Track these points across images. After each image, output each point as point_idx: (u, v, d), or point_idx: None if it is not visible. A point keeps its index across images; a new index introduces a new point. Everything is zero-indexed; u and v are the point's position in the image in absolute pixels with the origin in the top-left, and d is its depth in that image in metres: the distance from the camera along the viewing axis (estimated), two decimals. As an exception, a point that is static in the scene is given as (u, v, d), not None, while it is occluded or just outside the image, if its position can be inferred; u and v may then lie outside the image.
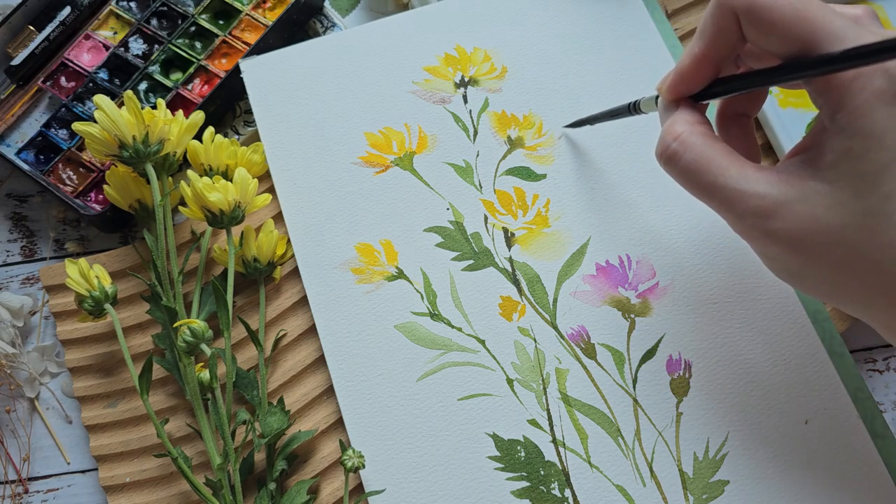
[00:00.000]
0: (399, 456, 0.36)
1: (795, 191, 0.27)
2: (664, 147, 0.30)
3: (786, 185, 0.27)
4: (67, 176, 0.44)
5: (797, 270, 0.28)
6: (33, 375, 0.42)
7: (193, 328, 0.34)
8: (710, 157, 0.28)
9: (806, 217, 0.26)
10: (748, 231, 0.28)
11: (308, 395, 0.39)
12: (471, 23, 0.44)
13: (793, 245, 0.27)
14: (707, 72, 0.30)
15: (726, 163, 0.28)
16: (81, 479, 0.40)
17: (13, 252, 0.45)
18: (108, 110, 0.36)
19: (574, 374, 0.37)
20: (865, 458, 0.36)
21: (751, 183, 0.27)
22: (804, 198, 0.26)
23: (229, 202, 0.37)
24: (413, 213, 0.41)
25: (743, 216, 0.28)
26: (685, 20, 0.45)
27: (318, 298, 0.39)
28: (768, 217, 0.27)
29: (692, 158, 0.29)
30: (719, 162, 0.28)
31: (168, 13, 0.46)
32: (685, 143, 0.29)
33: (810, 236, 0.26)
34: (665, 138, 0.30)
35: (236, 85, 0.44)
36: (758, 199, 0.27)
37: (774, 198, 0.27)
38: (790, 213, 0.27)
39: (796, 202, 0.27)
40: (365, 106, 0.43)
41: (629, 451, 0.36)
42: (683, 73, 0.30)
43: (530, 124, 0.42)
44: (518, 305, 0.39)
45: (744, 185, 0.27)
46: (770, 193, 0.27)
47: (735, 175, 0.28)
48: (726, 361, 0.37)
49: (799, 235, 0.27)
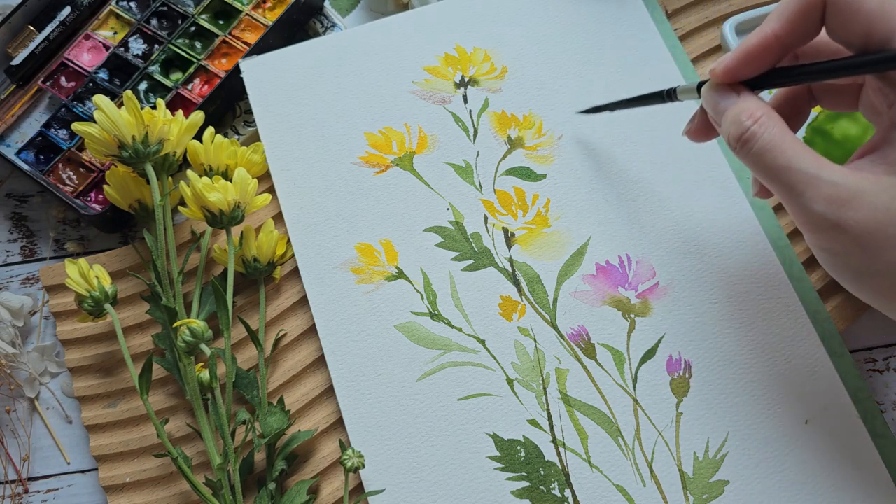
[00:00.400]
0: (399, 456, 0.36)
1: (869, 183, 0.27)
2: (741, 129, 0.29)
3: (860, 178, 0.27)
4: (67, 176, 0.44)
5: (861, 268, 0.28)
6: (33, 375, 0.42)
7: (193, 328, 0.34)
8: (788, 140, 0.28)
9: (880, 208, 0.26)
10: (816, 221, 0.27)
11: (308, 395, 0.39)
12: (471, 23, 0.44)
13: (862, 237, 0.26)
14: (771, 56, 0.29)
15: (801, 149, 0.28)
16: (81, 479, 0.40)
17: (13, 252, 0.45)
18: (108, 110, 0.36)
19: (574, 374, 0.37)
20: (865, 458, 0.36)
21: (825, 170, 0.27)
22: (878, 190, 0.26)
23: (229, 202, 0.37)
24: (413, 213, 0.41)
25: (815, 202, 0.27)
26: (685, 20, 0.45)
27: (318, 298, 0.39)
28: (842, 205, 0.26)
29: (770, 139, 0.28)
30: (796, 146, 0.28)
31: (168, 13, 0.46)
32: (764, 124, 0.28)
33: (882, 228, 0.26)
34: (740, 119, 0.29)
35: (236, 85, 0.44)
36: (832, 187, 0.27)
37: (849, 187, 0.27)
38: (864, 204, 0.26)
39: (870, 193, 0.26)
40: (365, 106, 0.43)
41: (629, 451, 0.36)
42: (748, 52, 0.29)
43: (530, 124, 0.42)
44: (518, 305, 0.39)
45: (818, 171, 0.27)
46: (845, 182, 0.27)
47: (810, 161, 0.27)
48: (726, 361, 0.37)
49: (870, 227, 0.26)
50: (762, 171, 0.29)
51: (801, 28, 0.29)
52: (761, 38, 0.29)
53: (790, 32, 0.29)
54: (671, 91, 0.35)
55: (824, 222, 0.27)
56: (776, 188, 0.29)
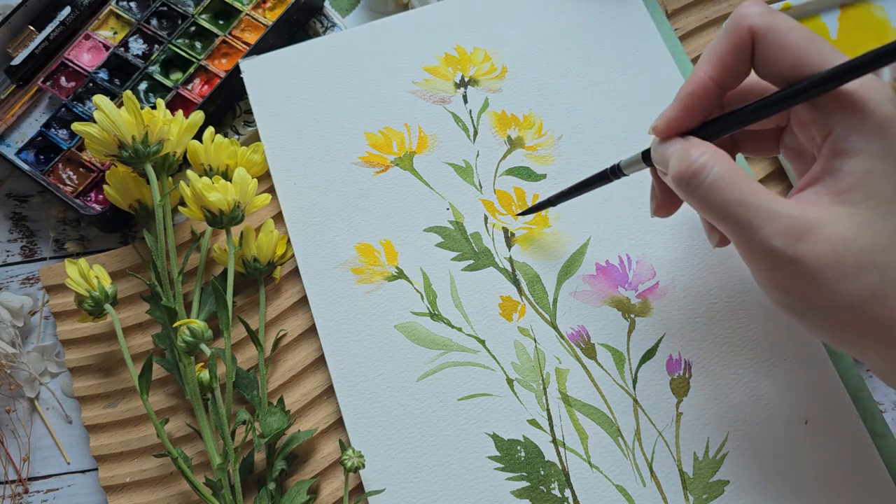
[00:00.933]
0: (399, 456, 0.36)
1: (822, 215, 0.26)
2: (686, 165, 0.28)
3: (812, 210, 0.26)
4: (67, 176, 0.44)
5: (818, 305, 0.27)
6: (33, 375, 0.42)
7: (193, 328, 0.34)
8: (738, 174, 0.27)
9: (835, 240, 0.26)
10: (772, 257, 0.26)
11: (308, 395, 0.39)
12: (471, 23, 0.44)
13: (819, 271, 0.26)
14: (709, 100, 0.29)
15: (753, 183, 0.27)
16: (81, 479, 0.40)
17: (13, 252, 0.45)
18: (108, 110, 0.36)
19: (574, 374, 0.37)
20: (865, 458, 0.36)
21: (780, 205, 0.26)
22: (831, 221, 0.26)
23: (229, 202, 0.37)
24: (413, 213, 0.41)
25: (772, 237, 0.26)
26: (685, 20, 0.45)
27: (318, 298, 0.39)
28: (799, 239, 0.26)
29: (720, 174, 0.27)
30: (747, 180, 0.27)
31: (168, 13, 0.46)
32: (712, 159, 0.27)
33: (840, 260, 0.25)
34: (687, 156, 0.28)
35: (236, 85, 0.44)
36: (789, 220, 0.26)
37: (806, 219, 0.26)
38: (820, 236, 0.26)
39: (825, 225, 0.26)
40: (365, 106, 0.43)
41: (629, 451, 0.36)
42: (685, 101, 0.29)
43: (530, 124, 0.42)
44: (518, 305, 0.39)
45: (774, 206, 0.26)
46: (801, 215, 0.26)
47: (764, 195, 0.27)
48: (726, 361, 0.37)
49: (828, 260, 0.26)
50: (714, 209, 0.27)
51: (734, 67, 0.28)
52: (696, 83, 0.29)
53: (723, 73, 0.29)
54: (615, 168, 0.34)
55: (782, 258, 0.26)
56: (729, 226, 0.27)
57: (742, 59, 0.28)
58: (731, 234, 0.28)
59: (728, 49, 0.28)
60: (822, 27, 0.44)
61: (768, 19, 0.27)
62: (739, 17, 0.28)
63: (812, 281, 0.26)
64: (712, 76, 0.29)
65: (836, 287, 0.26)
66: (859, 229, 0.26)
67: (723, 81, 0.29)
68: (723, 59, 0.28)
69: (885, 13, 0.44)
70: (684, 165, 0.28)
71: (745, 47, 0.28)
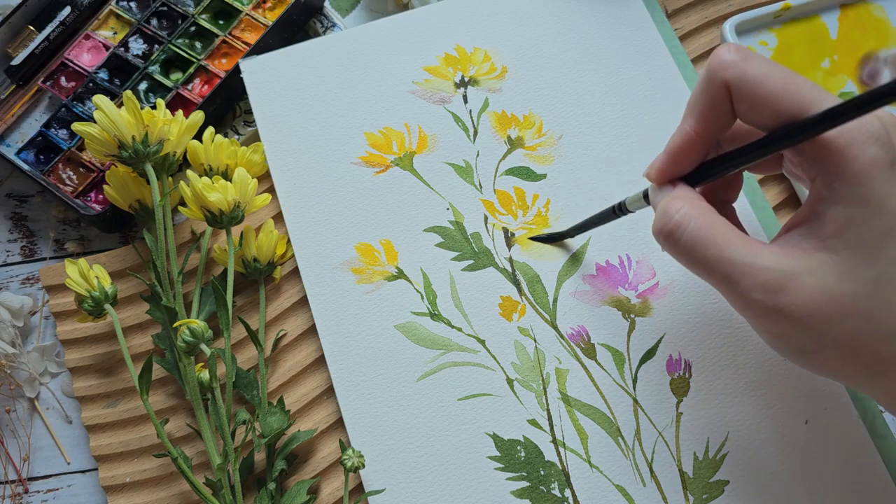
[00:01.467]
0: (399, 456, 0.36)
1: (803, 263, 0.26)
2: (665, 221, 0.28)
3: (792, 258, 0.26)
4: (67, 176, 0.44)
5: (805, 347, 0.27)
6: (33, 375, 0.42)
7: (193, 328, 0.34)
8: (715, 230, 0.27)
9: (816, 289, 0.26)
10: (755, 307, 0.27)
11: (308, 395, 0.39)
12: (471, 23, 0.44)
13: (803, 319, 0.26)
14: (698, 152, 0.29)
15: (731, 236, 0.27)
16: (81, 479, 0.40)
17: (13, 252, 0.45)
18: (108, 110, 0.36)
19: (574, 374, 0.37)
20: (865, 458, 0.36)
21: (758, 257, 0.26)
22: (812, 269, 0.26)
23: (229, 202, 0.37)
24: (413, 213, 0.41)
25: (751, 291, 0.26)
26: (685, 20, 0.45)
27: (318, 298, 0.39)
28: (778, 291, 0.26)
29: (695, 232, 0.27)
30: (724, 235, 0.27)
31: (168, 13, 0.46)
32: (687, 216, 0.28)
33: (821, 308, 0.26)
34: (666, 212, 0.28)
35: (236, 85, 0.44)
36: (766, 273, 0.26)
37: (783, 271, 0.26)
38: (800, 286, 0.26)
39: (805, 274, 0.26)
40: (365, 106, 0.43)
41: (629, 451, 0.36)
42: (674, 153, 0.29)
43: (530, 124, 0.42)
44: (518, 305, 0.39)
45: (751, 259, 0.26)
46: (778, 266, 0.26)
47: (741, 249, 0.27)
48: (726, 361, 0.37)
49: (809, 309, 0.26)
50: (693, 264, 0.28)
51: (716, 120, 0.28)
52: (682, 136, 0.29)
53: (707, 126, 0.29)
54: (621, 205, 0.34)
55: (763, 309, 0.26)
56: (710, 280, 0.28)
57: (722, 111, 0.28)
58: (715, 287, 0.28)
59: (707, 104, 0.28)
60: (822, 27, 0.44)
61: (742, 69, 0.27)
62: (713, 69, 0.28)
63: (796, 328, 0.26)
64: (696, 130, 0.29)
65: (820, 333, 0.26)
66: (841, 277, 0.26)
67: (707, 133, 0.29)
68: (703, 114, 0.29)
69: (885, 13, 0.44)
70: (662, 222, 0.28)
71: (723, 101, 0.28)
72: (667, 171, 0.30)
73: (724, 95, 0.28)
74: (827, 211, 0.26)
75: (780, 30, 0.44)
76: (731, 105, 0.28)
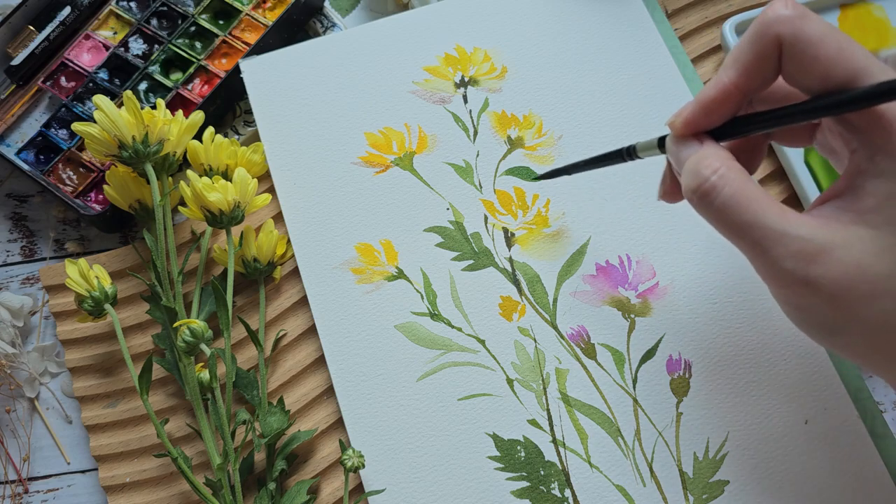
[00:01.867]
0: (399, 456, 0.36)
1: (839, 236, 0.25)
2: (700, 181, 0.27)
3: (828, 230, 0.25)
4: (67, 176, 0.44)
5: (833, 325, 0.26)
6: (33, 375, 0.42)
7: (193, 328, 0.34)
8: (751, 193, 0.26)
9: (850, 264, 0.25)
10: (785, 277, 0.26)
11: (308, 395, 0.39)
12: (471, 23, 0.44)
13: (834, 295, 0.25)
14: (730, 106, 0.28)
15: (767, 202, 0.26)
16: (81, 479, 0.40)
17: (13, 252, 0.45)
18: (108, 110, 0.36)
19: (574, 374, 0.37)
20: (865, 458, 0.36)
21: (793, 225, 0.25)
22: (848, 243, 0.25)
23: (229, 202, 0.37)
24: (413, 213, 0.41)
25: (783, 259, 0.25)
26: (685, 20, 0.45)
27: (318, 298, 0.39)
28: (811, 262, 0.25)
29: (732, 193, 0.26)
30: (760, 200, 0.26)
31: (168, 13, 0.46)
32: (725, 177, 0.26)
33: (854, 285, 0.25)
34: (700, 171, 0.27)
35: (236, 85, 0.44)
36: (801, 242, 0.25)
37: (818, 242, 0.25)
38: (834, 260, 0.25)
39: (840, 248, 0.25)
40: (365, 106, 0.43)
41: (629, 451, 0.36)
42: (707, 104, 0.28)
43: (530, 124, 0.42)
44: (518, 305, 0.39)
45: (786, 227, 0.25)
46: (813, 237, 0.25)
47: (777, 215, 0.26)
48: (726, 361, 0.37)
49: (842, 284, 0.25)
50: (725, 227, 0.27)
51: (759, 75, 0.27)
52: (719, 88, 0.28)
53: (748, 80, 0.27)
54: (631, 149, 0.33)
55: (793, 279, 0.26)
56: (741, 245, 0.27)
57: (768, 67, 0.27)
58: (744, 252, 0.27)
59: (753, 57, 0.27)
60: (822, 27, 0.44)
61: (798, 27, 0.26)
62: (767, 22, 0.26)
63: (825, 302, 0.25)
64: (737, 83, 0.27)
65: (849, 311, 0.25)
66: (878, 255, 0.25)
67: (747, 88, 0.28)
68: (748, 67, 0.27)
69: (885, 13, 0.44)
70: (696, 183, 0.27)
71: (771, 56, 0.27)
72: (694, 123, 0.28)
73: (773, 51, 0.26)
74: (867, 185, 0.25)
75: (780, 30, 0.44)
76: (779, 62, 0.27)
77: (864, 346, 0.26)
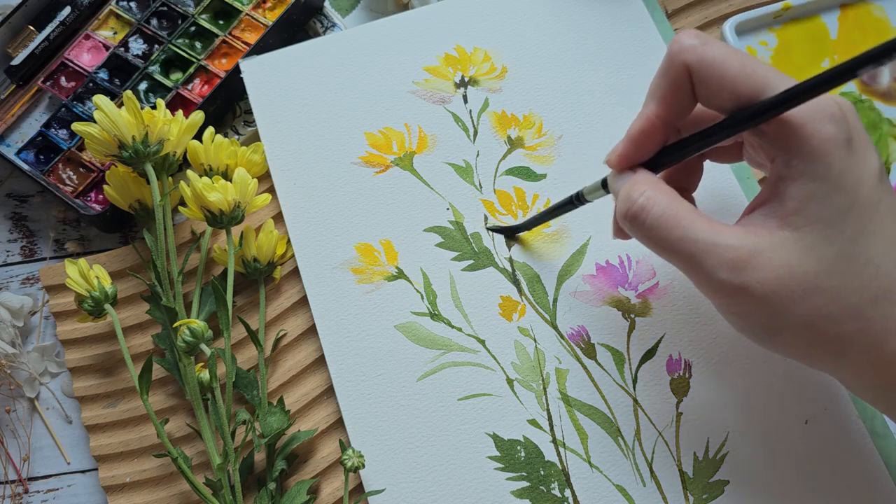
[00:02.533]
0: (399, 456, 0.36)
1: (766, 240, 0.27)
2: (629, 204, 0.29)
3: (755, 236, 0.27)
4: (67, 176, 0.44)
5: (770, 326, 0.28)
6: (33, 375, 0.42)
7: (193, 328, 0.34)
8: (679, 211, 0.28)
9: (780, 265, 0.26)
10: (721, 287, 0.27)
11: (308, 395, 0.39)
12: (471, 23, 0.44)
13: (766, 297, 0.26)
14: (658, 136, 0.29)
15: (695, 217, 0.27)
16: (81, 479, 0.40)
17: (13, 252, 0.45)
18: (108, 110, 0.36)
19: (574, 374, 0.37)
20: (865, 458, 0.36)
21: (722, 236, 0.27)
22: (775, 246, 0.26)
23: (229, 202, 0.37)
24: (413, 213, 0.41)
25: (716, 269, 0.27)
26: (685, 20, 0.45)
27: (318, 298, 0.39)
28: (742, 269, 0.26)
29: (660, 213, 0.28)
30: (688, 216, 0.27)
31: (168, 13, 0.46)
32: (652, 198, 0.28)
33: (785, 285, 0.26)
34: (630, 196, 0.29)
35: (236, 85, 0.44)
36: (731, 252, 0.26)
37: (747, 248, 0.26)
38: (764, 263, 0.26)
39: (768, 251, 0.26)
40: (365, 106, 0.43)
41: (629, 451, 0.36)
42: (635, 138, 0.30)
43: (530, 124, 0.42)
44: (518, 305, 0.39)
45: (715, 238, 0.27)
46: (742, 244, 0.27)
47: (706, 229, 0.27)
48: (726, 361, 0.37)
49: (773, 286, 0.26)
50: (658, 246, 0.28)
51: (677, 104, 0.29)
52: (643, 122, 0.29)
53: (668, 110, 0.29)
54: (578, 195, 0.34)
55: (728, 288, 0.27)
56: (675, 261, 0.28)
57: (683, 95, 0.29)
58: (680, 268, 0.29)
59: (668, 87, 0.29)
60: (822, 27, 0.44)
61: (701, 52, 0.27)
62: (674, 53, 0.28)
63: (760, 306, 0.27)
64: (658, 114, 0.29)
65: (784, 310, 0.26)
66: (803, 254, 0.26)
67: (668, 118, 0.29)
68: (665, 97, 0.29)
69: (884, 13, 0.44)
70: (626, 205, 0.29)
71: (684, 84, 0.28)
72: (628, 157, 0.30)
73: (684, 79, 0.28)
74: (787, 189, 0.27)
75: (780, 30, 0.44)
76: (692, 89, 0.28)
77: (802, 343, 0.28)
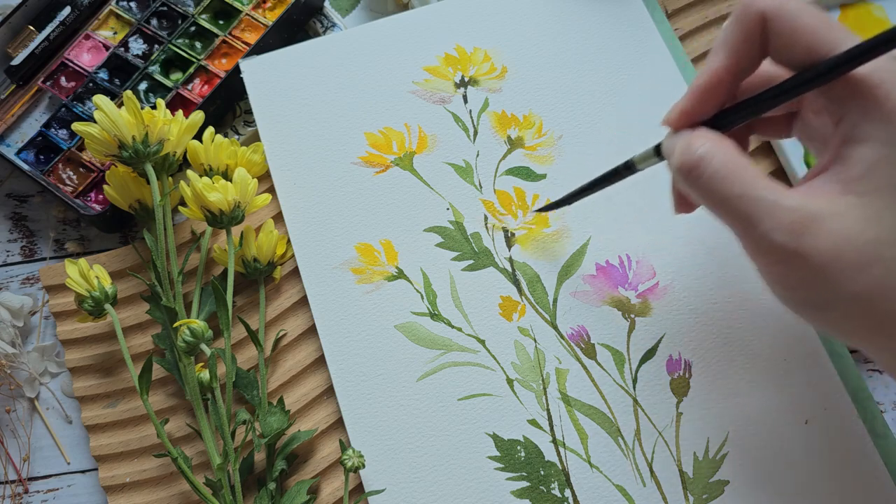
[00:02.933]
0: (399, 456, 0.36)
1: (828, 206, 0.25)
2: (687, 156, 0.27)
3: (818, 201, 0.25)
4: (67, 176, 0.44)
5: (822, 300, 0.26)
6: (33, 375, 0.42)
7: (193, 328, 0.34)
8: (740, 166, 0.26)
9: (839, 233, 0.24)
10: (775, 252, 0.25)
11: (308, 395, 0.39)
12: (471, 23, 0.44)
13: (823, 266, 0.25)
14: (722, 92, 0.28)
15: (756, 174, 0.26)
16: (81, 479, 0.40)
17: (13, 252, 0.45)
18: (108, 110, 0.36)
19: (574, 374, 0.37)
20: (865, 458, 0.36)
21: (783, 196, 0.25)
22: (836, 213, 0.25)
23: (229, 202, 0.37)
24: (413, 213, 0.41)
25: (773, 231, 0.25)
26: (685, 20, 0.45)
27: (318, 298, 0.39)
28: (802, 233, 0.25)
29: (720, 165, 0.26)
30: (749, 172, 0.26)
31: (168, 13, 0.46)
32: (712, 150, 0.26)
33: (844, 255, 0.24)
34: (689, 147, 0.27)
35: (236, 85, 0.44)
36: (791, 214, 0.25)
37: (809, 211, 0.25)
38: (825, 229, 0.25)
39: (829, 217, 0.25)
40: (365, 106, 0.43)
41: (629, 451, 0.36)
42: (700, 92, 0.28)
43: (530, 124, 0.42)
44: (518, 305, 0.39)
45: (777, 198, 0.25)
46: (804, 207, 0.25)
47: (767, 187, 0.25)
48: (726, 361, 0.37)
49: (832, 255, 0.24)
50: (714, 202, 0.27)
51: (747, 55, 0.28)
52: (709, 75, 0.28)
53: (737, 62, 0.28)
54: (628, 163, 0.33)
55: (783, 252, 0.25)
56: (730, 219, 0.27)
57: (755, 46, 0.27)
58: (733, 228, 0.27)
59: (740, 37, 0.27)
60: (822, 27, 0.44)
61: (779, 2, 0.26)
62: (749, 2, 0.27)
63: (815, 276, 0.25)
64: (726, 66, 0.28)
65: (839, 282, 0.25)
66: (866, 222, 0.24)
67: (736, 71, 0.28)
68: (735, 48, 0.27)
69: (885, 13, 0.44)
70: (685, 157, 0.27)
71: (756, 33, 0.27)
72: (690, 113, 0.28)
73: (757, 28, 0.27)
74: (853, 153, 0.25)
75: (780, 30, 0.44)
76: (764, 41, 0.27)
77: (851, 321, 0.26)
